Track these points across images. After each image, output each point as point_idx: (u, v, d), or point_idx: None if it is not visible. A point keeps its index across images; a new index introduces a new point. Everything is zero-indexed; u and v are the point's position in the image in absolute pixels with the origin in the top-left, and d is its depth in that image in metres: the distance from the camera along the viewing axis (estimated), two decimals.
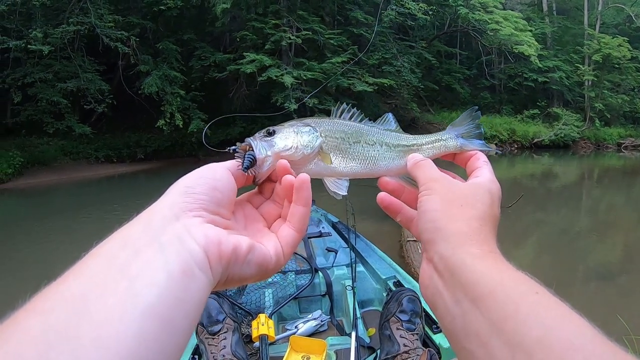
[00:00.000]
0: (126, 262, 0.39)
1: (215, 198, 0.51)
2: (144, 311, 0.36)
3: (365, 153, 0.71)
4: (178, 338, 0.39)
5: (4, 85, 14.92)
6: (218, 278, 0.46)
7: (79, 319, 0.34)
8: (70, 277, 0.38)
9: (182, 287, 0.40)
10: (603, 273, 5.27)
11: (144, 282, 0.38)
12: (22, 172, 14.25)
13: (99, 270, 0.38)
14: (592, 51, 25.37)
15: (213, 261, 0.45)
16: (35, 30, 14.05)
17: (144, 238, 0.42)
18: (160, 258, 0.41)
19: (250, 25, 18.16)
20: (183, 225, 0.45)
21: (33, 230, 7.96)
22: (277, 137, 0.63)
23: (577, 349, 0.38)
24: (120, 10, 17.07)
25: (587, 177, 16.31)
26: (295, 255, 3.00)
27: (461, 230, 0.54)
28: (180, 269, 0.41)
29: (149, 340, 0.35)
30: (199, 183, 0.51)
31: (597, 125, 25.79)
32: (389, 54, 20.95)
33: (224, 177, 0.54)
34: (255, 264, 0.51)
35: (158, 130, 17.10)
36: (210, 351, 1.95)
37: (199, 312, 0.43)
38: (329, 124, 0.70)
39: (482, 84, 27.60)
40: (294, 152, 0.63)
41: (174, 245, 0.43)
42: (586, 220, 9.00)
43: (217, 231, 0.47)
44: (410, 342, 1.96)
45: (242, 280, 0.51)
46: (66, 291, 0.36)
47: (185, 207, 0.47)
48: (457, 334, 0.48)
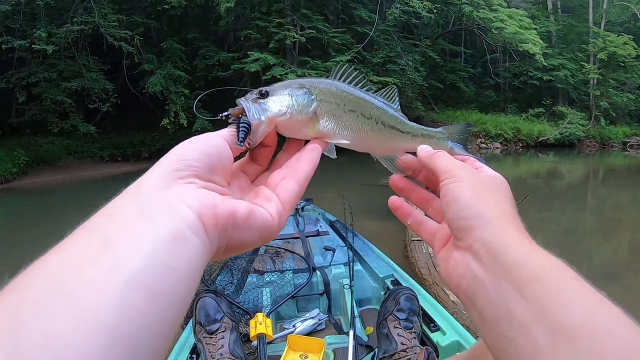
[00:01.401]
0: (111, 234, 0.37)
1: (209, 164, 0.48)
2: (126, 282, 0.34)
3: (357, 125, 0.67)
4: (168, 309, 0.36)
5: (8, 85, 14.97)
6: (216, 244, 0.44)
7: (55, 294, 0.32)
8: (52, 253, 0.36)
9: (172, 253, 0.38)
10: (609, 273, 5.24)
11: (128, 252, 0.36)
12: (27, 171, 14.28)
13: (81, 244, 0.37)
14: (597, 49, 25.24)
15: (208, 225, 0.42)
16: (40, 29, 14.10)
17: (131, 209, 0.40)
18: (147, 227, 0.38)
19: (254, 24, 18.20)
20: (174, 192, 0.43)
21: (37, 228, 7.99)
22: (271, 101, 0.59)
23: (617, 335, 0.38)
24: (124, 10, 17.11)
25: (592, 176, 16.23)
26: (293, 254, 3.00)
27: (500, 215, 0.53)
28: (170, 234, 0.38)
29: (132, 312, 0.33)
30: (191, 149, 0.48)
31: (602, 123, 25.66)
32: (394, 52, 20.94)
33: (219, 144, 0.51)
34: (256, 228, 0.48)
35: (162, 129, 17.14)
36: (208, 350, 1.94)
37: (195, 281, 0.40)
38: (325, 85, 0.65)
39: (486, 82, 27.54)
40: (289, 118, 0.60)
41: (164, 212, 0.40)
42: (592, 219, 8.95)
43: (211, 195, 0.45)
44: (408, 341, 1.95)
45: (244, 246, 0.49)
46: (45, 267, 0.34)
47: (176, 174, 0.45)
48: (499, 322, 0.46)
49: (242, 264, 2.81)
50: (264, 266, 2.89)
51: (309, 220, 3.79)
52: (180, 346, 2.13)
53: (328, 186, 5.93)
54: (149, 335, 0.34)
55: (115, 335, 0.31)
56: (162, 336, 0.35)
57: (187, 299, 0.39)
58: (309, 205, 4.28)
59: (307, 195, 4.42)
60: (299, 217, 3.82)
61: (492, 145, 23.27)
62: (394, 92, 0.74)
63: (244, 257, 2.88)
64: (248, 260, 2.87)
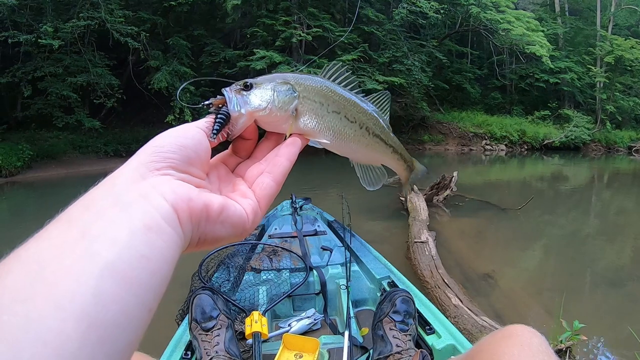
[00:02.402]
0: (87, 223, 0.38)
1: (185, 157, 0.49)
2: (102, 270, 0.35)
3: (340, 128, 0.66)
4: (143, 298, 0.37)
5: (14, 79, 15.00)
6: (189, 236, 0.45)
7: (34, 280, 0.33)
8: (31, 242, 0.37)
9: (147, 243, 0.39)
10: (612, 279, 5.20)
11: (104, 241, 0.37)
12: (31, 165, 14.32)
13: (58, 233, 0.38)
14: (604, 53, 25.11)
15: (182, 217, 0.43)
16: (46, 24, 14.10)
17: (107, 199, 0.41)
18: (123, 217, 0.39)
19: (260, 22, 18.18)
20: (149, 184, 0.44)
21: (41, 222, 7.97)
22: (253, 94, 0.59)
23: None
24: (130, 6, 17.15)
25: (597, 180, 16.17)
26: (290, 253, 3.00)
27: None
28: (144, 225, 0.40)
29: (107, 300, 0.34)
30: (168, 142, 0.49)
31: (608, 127, 25.54)
32: (400, 52, 20.90)
33: (195, 136, 0.52)
34: (230, 224, 0.49)
35: (167, 125, 17.09)
36: (204, 347, 1.94)
37: (169, 271, 0.41)
38: (311, 82, 0.64)
39: (492, 84, 27.49)
40: (268, 113, 0.59)
41: (139, 202, 0.41)
42: (596, 223, 8.90)
43: (186, 188, 0.46)
44: (403, 343, 1.95)
45: (216, 240, 0.49)
46: (24, 255, 0.35)
47: (153, 166, 0.46)
48: None
49: (239, 261, 2.82)
50: (260, 264, 2.88)
51: (307, 220, 3.78)
52: (175, 343, 2.13)
53: (329, 186, 5.92)
54: (125, 321, 0.35)
55: (92, 320, 0.33)
56: (138, 323, 0.37)
57: (162, 287, 0.40)
58: (307, 205, 4.27)
59: (308, 195, 4.42)
60: (297, 216, 3.82)
61: (497, 147, 23.27)
62: (385, 98, 0.73)
63: (241, 255, 2.89)
64: (245, 258, 2.88)
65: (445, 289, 3.81)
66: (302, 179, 9.83)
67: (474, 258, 5.52)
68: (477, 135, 23.67)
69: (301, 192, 4.41)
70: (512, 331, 1.04)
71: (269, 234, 3.50)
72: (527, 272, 5.53)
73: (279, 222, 3.75)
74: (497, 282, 4.77)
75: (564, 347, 2.80)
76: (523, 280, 5.13)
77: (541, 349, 0.98)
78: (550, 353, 0.98)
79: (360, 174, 0.72)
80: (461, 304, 3.51)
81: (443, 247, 5.21)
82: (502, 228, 7.65)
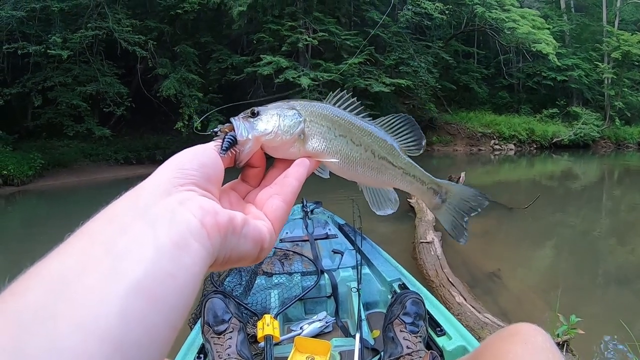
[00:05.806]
0: (111, 238, 0.37)
1: (205, 174, 0.49)
2: (128, 289, 0.34)
3: (346, 151, 0.67)
4: (169, 316, 0.36)
5: (24, 89, 15.13)
6: (217, 250, 0.44)
7: (56, 299, 0.31)
8: (52, 257, 0.36)
9: (174, 260, 0.38)
10: (622, 277, 5.16)
11: (130, 258, 0.36)
12: (43, 173, 14.45)
13: (81, 248, 0.36)
14: (611, 49, 24.81)
15: (211, 231, 0.43)
16: (54, 35, 14.26)
17: (131, 214, 0.40)
18: (149, 232, 0.38)
19: (266, 28, 18.25)
20: (175, 199, 0.43)
21: (52, 230, 8.05)
22: (259, 120, 0.61)
23: None
24: (137, 15, 17.25)
25: (607, 177, 16.02)
26: (302, 257, 3.02)
27: None
28: (172, 242, 0.39)
29: (133, 321, 0.33)
30: (189, 160, 0.50)
31: (617, 124, 25.24)
32: (406, 54, 20.88)
33: (212, 156, 0.53)
34: (251, 238, 0.49)
35: (176, 132, 17.21)
36: (216, 350, 1.96)
37: (195, 288, 0.39)
38: (317, 108, 0.66)
39: (500, 83, 27.28)
40: (274, 137, 0.61)
41: (165, 218, 0.40)
42: (607, 221, 8.82)
43: (212, 202, 0.46)
44: (414, 345, 1.96)
45: (241, 258, 0.49)
46: (45, 271, 0.34)
47: (176, 182, 0.46)
48: None
49: (250, 265, 2.84)
50: (272, 268, 2.91)
51: (318, 223, 3.80)
52: (188, 346, 2.15)
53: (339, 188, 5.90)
54: (151, 341, 0.34)
55: (117, 342, 0.31)
56: (163, 342, 0.35)
57: (187, 305, 0.38)
58: (318, 208, 4.28)
59: (317, 198, 4.44)
60: (308, 220, 3.83)
61: (505, 146, 23.11)
62: (400, 121, 0.73)
63: None
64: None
65: (449, 288, 3.83)
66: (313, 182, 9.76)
67: (480, 257, 5.53)
68: (485, 135, 23.52)
69: (312, 196, 4.42)
70: (516, 329, 1.04)
71: (280, 238, 3.49)
72: (535, 271, 5.52)
73: (290, 226, 3.75)
74: (503, 281, 4.77)
75: (560, 340, 2.79)
76: (530, 279, 5.13)
77: (545, 346, 0.98)
78: (554, 350, 0.97)
79: (368, 198, 0.74)
80: (464, 301, 3.54)
81: (450, 247, 5.21)
82: (510, 227, 7.64)
